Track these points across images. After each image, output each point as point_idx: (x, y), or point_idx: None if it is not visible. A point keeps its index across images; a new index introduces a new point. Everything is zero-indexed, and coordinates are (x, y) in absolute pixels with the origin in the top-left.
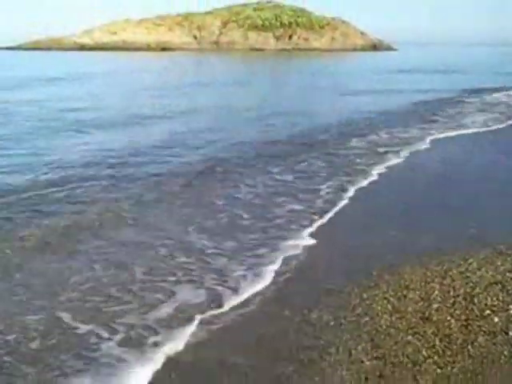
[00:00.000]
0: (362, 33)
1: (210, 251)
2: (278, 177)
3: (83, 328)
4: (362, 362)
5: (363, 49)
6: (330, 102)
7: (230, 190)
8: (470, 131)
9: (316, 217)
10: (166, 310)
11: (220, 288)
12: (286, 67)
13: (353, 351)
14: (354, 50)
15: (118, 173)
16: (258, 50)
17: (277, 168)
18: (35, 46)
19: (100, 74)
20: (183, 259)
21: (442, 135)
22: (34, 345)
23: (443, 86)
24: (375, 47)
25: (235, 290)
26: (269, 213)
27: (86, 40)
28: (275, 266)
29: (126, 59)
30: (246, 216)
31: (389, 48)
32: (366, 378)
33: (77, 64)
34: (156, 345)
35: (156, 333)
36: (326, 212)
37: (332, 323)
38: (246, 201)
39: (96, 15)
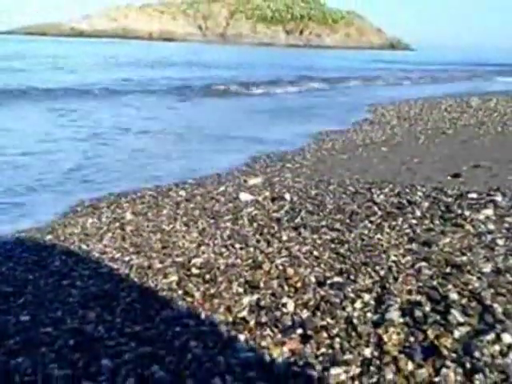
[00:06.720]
0: (379, 30)
1: None
2: None
3: None
4: None
5: (380, 47)
6: None
7: None
8: None
9: None
10: None
11: None
12: None
13: None
14: (370, 48)
15: None
16: (267, 44)
17: None
18: (29, 31)
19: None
20: None
21: None
22: None
23: None
24: (392, 46)
25: None
26: None
27: (84, 26)
28: None
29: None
30: None
31: (406, 48)
32: None
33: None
34: None
35: None
36: None
37: None
38: None
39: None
